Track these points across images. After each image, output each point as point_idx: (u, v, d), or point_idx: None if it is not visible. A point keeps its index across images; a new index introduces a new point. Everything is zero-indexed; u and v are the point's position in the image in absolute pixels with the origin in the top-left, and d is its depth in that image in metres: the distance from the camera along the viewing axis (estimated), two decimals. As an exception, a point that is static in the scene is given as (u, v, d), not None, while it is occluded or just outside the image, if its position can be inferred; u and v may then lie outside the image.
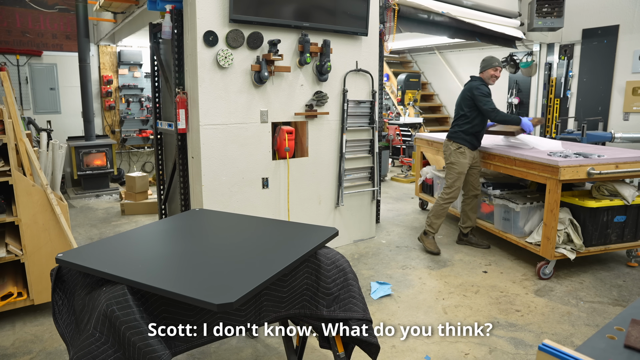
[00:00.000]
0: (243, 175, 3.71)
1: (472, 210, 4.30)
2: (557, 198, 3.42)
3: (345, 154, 4.23)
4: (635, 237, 3.74)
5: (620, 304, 3.19)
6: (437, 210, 4.17)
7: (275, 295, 1.88)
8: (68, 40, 7.10)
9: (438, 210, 4.17)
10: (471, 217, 4.32)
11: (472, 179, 4.22)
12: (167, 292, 1.51)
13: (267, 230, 2.23)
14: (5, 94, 2.94)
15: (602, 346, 1.02)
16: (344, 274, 2.01)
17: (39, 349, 2.64)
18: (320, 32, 3.93)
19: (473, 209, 4.30)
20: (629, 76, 6.24)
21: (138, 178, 5.74)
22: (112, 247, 1.97)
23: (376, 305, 3.16)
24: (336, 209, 4.33)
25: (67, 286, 1.86)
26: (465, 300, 3.25)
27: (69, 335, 1.78)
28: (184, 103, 3.56)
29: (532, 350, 2.63)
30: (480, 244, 4.31)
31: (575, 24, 6.72)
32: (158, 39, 4.24)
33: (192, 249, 1.93)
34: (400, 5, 4.98)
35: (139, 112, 7.65)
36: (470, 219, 4.33)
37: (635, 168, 3.51)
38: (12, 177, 2.81)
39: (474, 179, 4.23)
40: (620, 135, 5.68)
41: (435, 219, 4.18)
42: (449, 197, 4.13)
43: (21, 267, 3.02)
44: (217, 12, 3.41)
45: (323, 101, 4.01)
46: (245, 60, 3.60)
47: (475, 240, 4.37)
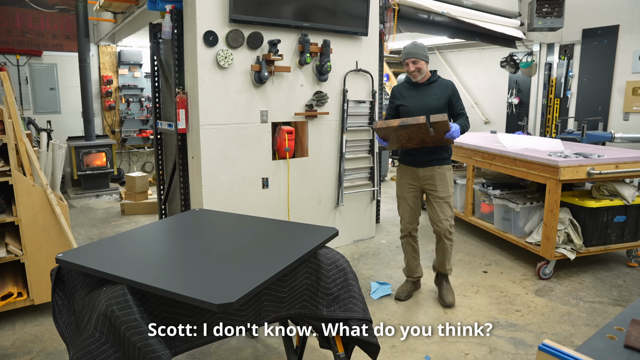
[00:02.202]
0: (243, 175, 3.71)
1: (438, 252, 3.22)
2: (557, 198, 3.42)
3: (345, 154, 4.23)
4: (635, 237, 3.74)
5: (620, 304, 3.18)
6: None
7: (275, 295, 1.88)
8: (68, 40, 7.10)
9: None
10: (437, 259, 3.26)
11: (430, 209, 3.14)
12: (167, 292, 1.51)
13: (267, 230, 2.23)
14: (5, 94, 2.94)
15: (602, 346, 1.02)
16: (344, 274, 2.01)
17: (39, 349, 2.64)
18: (320, 32, 3.93)
19: (439, 251, 3.21)
20: (629, 76, 6.24)
21: (138, 178, 5.74)
22: (112, 247, 1.97)
23: (376, 305, 3.16)
24: (336, 209, 4.33)
25: (67, 286, 1.86)
26: (465, 300, 3.25)
27: (69, 335, 1.78)
28: (184, 103, 3.56)
29: (532, 350, 2.63)
30: (446, 301, 3.17)
31: (575, 24, 6.72)
32: (158, 39, 4.24)
33: (192, 249, 1.93)
34: (400, 5, 4.98)
35: (139, 112, 7.64)
36: (437, 261, 3.28)
37: (635, 168, 3.51)
38: (12, 177, 2.81)
39: (432, 209, 3.10)
40: (620, 135, 5.67)
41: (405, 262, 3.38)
42: (401, 231, 3.30)
43: (21, 267, 3.02)
44: (217, 12, 3.41)
45: (323, 101, 4.01)
46: (245, 60, 3.60)
47: (441, 293, 3.23)
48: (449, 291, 3.22)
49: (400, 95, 3.12)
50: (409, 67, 3.00)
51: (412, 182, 3.15)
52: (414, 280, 3.38)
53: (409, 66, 3.00)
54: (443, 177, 3.06)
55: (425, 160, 3.07)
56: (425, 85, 3.06)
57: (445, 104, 3.00)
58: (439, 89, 3.03)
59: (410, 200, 3.18)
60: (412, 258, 3.31)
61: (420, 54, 2.98)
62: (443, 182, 3.06)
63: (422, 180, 3.10)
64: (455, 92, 3.03)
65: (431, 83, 3.05)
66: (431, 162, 3.06)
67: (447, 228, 3.08)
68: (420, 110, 2.95)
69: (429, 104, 2.99)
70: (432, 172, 3.07)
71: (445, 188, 3.07)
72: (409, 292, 3.33)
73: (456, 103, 3.03)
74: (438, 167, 3.07)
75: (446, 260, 3.20)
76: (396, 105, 3.11)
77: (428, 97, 3.02)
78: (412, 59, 2.98)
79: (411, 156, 3.11)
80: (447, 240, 3.14)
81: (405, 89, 3.12)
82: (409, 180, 3.16)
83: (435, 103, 2.98)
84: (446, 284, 3.26)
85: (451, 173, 3.11)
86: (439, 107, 2.96)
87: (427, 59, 3.01)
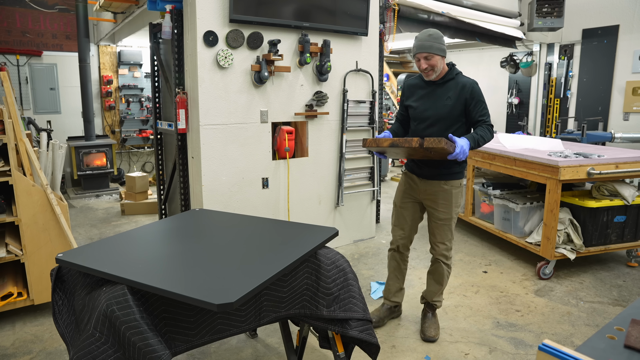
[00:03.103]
0: (243, 175, 3.71)
1: (430, 275, 2.79)
2: (557, 198, 3.42)
3: (345, 154, 4.23)
4: (635, 237, 3.74)
5: (620, 304, 3.18)
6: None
7: (275, 296, 1.88)
8: (68, 40, 7.10)
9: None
10: (427, 286, 2.82)
11: (428, 228, 2.73)
12: (167, 292, 1.51)
13: (267, 230, 2.23)
14: (5, 94, 2.94)
15: (602, 346, 1.01)
16: (344, 274, 2.01)
17: (39, 349, 2.64)
18: (320, 32, 3.93)
19: (431, 274, 2.78)
20: (629, 76, 6.24)
21: (138, 178, 5.74)
22: (112, 247, 1.97)
23: (376, 305, 3.16)
24: (336, 209, 4.33)
25: (67, 286, 1.86)
26: (465, 300, 3.25)
27: (69, 335, 1.78)
28: (184, 103, 3.56)
29: (532, 350, 2.63)
30: (427, 334, 2.71)
31: (575, 24, 6.72)
32: (158, 39, 4.24)
33: (192, 249, 1.93)
34: (400, 5, 4.98)
35: (139, 112, 7.64)
36: (427, 289, 2.83)
37: (635, 168, 3.51)
38: (12, 177, 2.81)
39: (430, 228, 2.71)
40: (620, 135, 5.67)
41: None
42: (390, 243, 2.90)
43: (21, 267, 3.02)
44: (217, 12, 3.41)
45: (323, 101, 4.01)
46: (245, 60, 3.60)
47: (423, 325, 2.77)
48: (432, 324, 2.74)
49: (410, 93, 2.66)
50: (421, 64, 2.47)
51: (411, 192, 2.71)
52: (390, 306, 2.89)
53: (420, 62, 2.47)
54: (448, 196, 2.57)
55: (430, 173, 2.58)
56: (438, 85, 2.54)
57: (460, 110, 2.48)
58: (454, 89, 2.49)
59: (406, 212, 2.75)
60: (393, 277, 2.87)
61: (435, 47, 2.43)
62: (446, 202, 2.58)
63: (422, 194, 2.65)
64: (474, 95, 2.46)
65: (446, 82, 2.52)
66: (437, 176, 2.57)
67: (442, 252, 2.67)
68: (430, 114, 2.53)
69: (440, 108, 2.51)
70: (435, 188, 2.58)
71: (448, 208, 2.59)
72: (380, 317, 2.83)
73: (474, 108, 2.46)
74: (444, 182, 2.56)
75: (440, 288, 2.74)
76: (405, 105, 2.70)
77: (440, 99, 2.52)
78: (425, 54, 2.44)
79: (415, 165, 2.65)
80: (444, 265, 2.69)
81: (417, 87, 2.64)
82: (408, 189, 2.72)
83: (447, 108, 2.49)
84: (432, 317, 2.79)
85: (460, 190, 2.61)
86: (451, 113, 2.49)
87: (444, 52, 2.46)
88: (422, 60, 2.46)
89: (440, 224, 2.63)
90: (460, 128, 2.54)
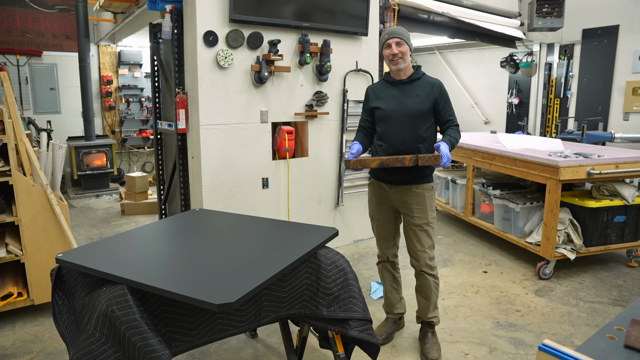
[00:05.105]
0: (243, 175, 3.71)
1: (417, 293, 2.65)
2: (557, 198, 3.42)
3: (345, 153, 4.23)
4: (635, 237, 3.74)
5: (620, 304, 3.18)
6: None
7: (275, 296, 1.88)
8: (68, 40, 7.10)
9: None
10: (418, 304, 2.66)
11: (406, 238, 2.61)
12: (167, 292, 1.51)
13: (267, 230, 2.23)
14: (5, 94, 2.94)
15: (602, 346, 1.02)
16: (344, 274, 2.01)
17: (39, 349, 2.64)
18: (320, 32, 3.93)
19: (418, 291, 2.64)
20: (629, 76, 6.23)
21: (138, 178, 5.74)
22: (112, 247, 1.97)
23: (376, 305, 3.16)
24: (336, 209, 4.33)
25: (67, 286, 1.86)
26: (465, 300, 3.25)
27: (69, 335, 1.78)
28: (184, 103, 3.56)
29: (532, 350, 2.63)
30: (429, 357, 2.52)
31: (575, 24, 6.72)
32: (158, 39, 4.24)
33: (192, 249, 1.93)
34: (400, 5, 4.98)
35: (139, 112, 7.65)
36: (418, 307, 2.68)
37: (635, 168, 3.51)
38: (12, 177, 2.81)
39: (407, 237, 2.59)
40: (620, 135, 5.67)
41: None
42: (377, 256, 2.82)
43: (21, 267, 3.02)
44: (217, 12, 3.41)
45: (323, 101, 4.01)
46: (245, 60, 3.60)
47: (423, 347, 2.59)
48: (434, 345, 2.57)
49: (375, 95, 2.56)
50: (392, 49, 2.40)
51: (384, 201, 2.61)
52: (395, 319, 2.80)
53: (391, 48, 2.40)
54: (421, 200, 2.49)
55: (400, 179, 2.49)
56: (406, 83, 2.48)
57: (429, 108, 2.44)
58: (422, 89, 2.45)
59: (385, 222, 2.65)
60: (391, 289, 2.77)
61: (406, 35, 2.43)
62: (421, 206, 2.50)
63: (395, 201, 2.56)
64: (443, 94, 2.45)
65: (413, 81, 2.48)
66: (408, 180, 2.48)
67: (425, 262, 2.53)
68: (399, 113, 2.44)
69: (409, 107, 2.44)
70: (407, 193, 2.50)
71: (424, 213, 2.50)
72: (389, 333, 2.73)
73: (444, 107, 2.45)
74: (415, 186, 2.49)
75: (430, 303, 2.58)
76: (371, 107, 2.56)
77: (409, 98, 2.45)
78: (397, 39, 2.40)
79: (384, 172, 2.53)
80: (429, 277, 2.55)
81: (382, 88, 2.55)
82: (381, 199, 2.62)
83: (417, 106, 2.43)
84: (432, 336, 2.62)
85: (432, 193, 2.53)
86: (421, 111, 2.43)
87: (412, 47, 2.45)
88: (393, 45, 2.41)
89: (418, 231, 2.52)
90: (431, 127, 2.49)
